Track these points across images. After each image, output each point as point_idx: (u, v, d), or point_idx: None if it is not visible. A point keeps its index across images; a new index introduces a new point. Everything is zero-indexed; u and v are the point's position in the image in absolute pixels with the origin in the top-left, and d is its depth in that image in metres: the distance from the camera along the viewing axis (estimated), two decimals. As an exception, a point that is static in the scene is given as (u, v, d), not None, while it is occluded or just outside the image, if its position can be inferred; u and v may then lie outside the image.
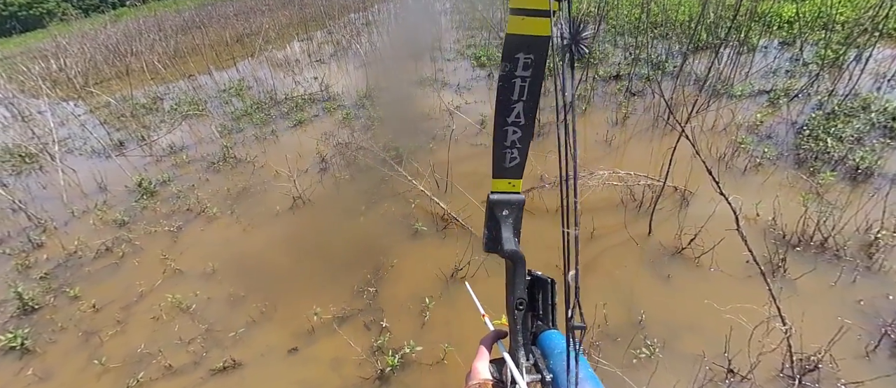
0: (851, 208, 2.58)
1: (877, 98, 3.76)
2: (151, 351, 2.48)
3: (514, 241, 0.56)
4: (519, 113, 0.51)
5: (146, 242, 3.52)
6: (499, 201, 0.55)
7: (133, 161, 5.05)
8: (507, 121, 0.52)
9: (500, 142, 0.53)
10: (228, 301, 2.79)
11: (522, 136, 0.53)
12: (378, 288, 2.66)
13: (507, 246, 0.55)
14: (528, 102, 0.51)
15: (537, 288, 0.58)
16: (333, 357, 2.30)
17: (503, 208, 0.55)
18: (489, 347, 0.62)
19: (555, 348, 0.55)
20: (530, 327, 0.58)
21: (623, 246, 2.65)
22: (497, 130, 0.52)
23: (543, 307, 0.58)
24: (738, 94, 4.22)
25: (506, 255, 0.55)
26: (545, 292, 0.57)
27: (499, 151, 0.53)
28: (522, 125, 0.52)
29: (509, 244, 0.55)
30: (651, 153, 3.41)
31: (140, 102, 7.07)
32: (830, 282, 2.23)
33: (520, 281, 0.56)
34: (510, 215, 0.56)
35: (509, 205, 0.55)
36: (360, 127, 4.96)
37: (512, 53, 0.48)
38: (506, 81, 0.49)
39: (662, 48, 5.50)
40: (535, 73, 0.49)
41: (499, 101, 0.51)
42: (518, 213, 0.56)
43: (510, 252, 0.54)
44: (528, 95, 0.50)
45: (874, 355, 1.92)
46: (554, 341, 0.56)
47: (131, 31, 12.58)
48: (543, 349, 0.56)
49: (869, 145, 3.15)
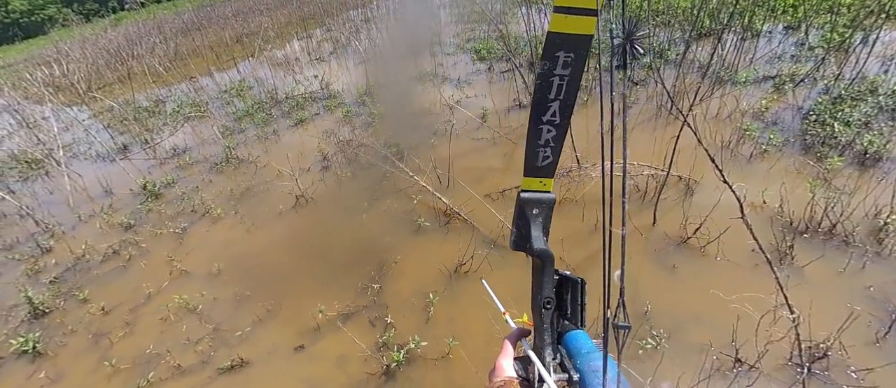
0: (860, 193, 2.54)
1: (884, 81, 3.69)
2: (160, 352, 2.50)
3: (543, 240, 0.55)
4: (555, 112, 0.51)
5: (152, 244, 3.55)
6: (529, 199, 0.55)
7: (137, 164, 5.08)
8: (542, 119, 0.51)
9: (534, 140, 0.52)
10: (234, 301, 2.81)
11: (556, 135, 0.52)
12: (382, 285, 2.66)
13: (536, 245, 0.54)
14: (565, 101, 0.50)
15: (565, 288, 0.57)
16: (339, 354, 2.31)
17: (534, 206, 0.55)
18: (513, 344, 0.62)
19: (581, 348, 0.55)
20: (556, 326, 0.58)
21: (628, 237, 2.62)
22: (532, 127, 0.52)
23: (572, 308, 0.57)
24: (742, 80, 4.16)
25: (535, 253, 0.54)
26: (574, 292, 0.56)
27: (532, 149, 0.53)
28: (557, 124, 0.52)
29: (538, 243, 0.54)
30: (654, 143, 3.37)
31: (142, 106, 7.11)
32: (839, 268, 2.20)
33: (548, 280, 0.55)
34: (540, 213, 0.55)
35: (540, 204, 0.55)
36: (360, 124, 4.95)
37: (553, 52, 0.47)
38: (544, 79, 0.49)
39: (665, 36, 5.43)
40: (574, 72, 0.48)
41: (535, 99, 0.50)
42: (548, 212, 0.56)
43: (540, 251, 0.54)
44: (565, 94, 0.50)
45: (884, 341, 1.89)
46: (580, 341, 0.56)
47: (132, 34, 12.62)
48: (569, 349, 0.56)
49: (877, 129, 3.10)
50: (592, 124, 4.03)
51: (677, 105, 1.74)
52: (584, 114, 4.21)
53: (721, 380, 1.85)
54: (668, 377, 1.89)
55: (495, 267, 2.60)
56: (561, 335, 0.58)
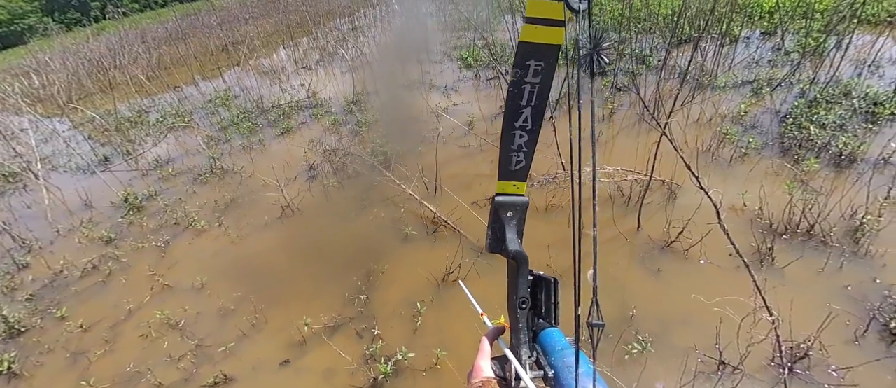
0: (836, 194, 2.61)
1: (858, 84, 3.81)
2: (141, 370, 2.43)
3: (518, 242, 0.57)
4: (527, 118, 0.52)
5: (133, 258, 3.47)
6: (504, 202, 0.56)
7: (119, 176, 4.98)
8: (515, 125, 0.53)
9: (507, 145, 0.54)
10: (218, 315, 2.75)
11: (529, 140, 0.54)
12: (369, 295, 2.64)
13: (511, 246, 0.56)
14: (537, 108, 0.52)
15: (539, 288, 0.58)
16: (326, 368, 2.27)
17: (508, 209, 0.57)
18: (490, 344, 0.63)
19: (556, 345, 0.56)
20: (531, 325, 0.59)
21: (613, 241, 2.66)
22: (505, 133, 0.53)
23: (546, 306, 0.58)
24: (722, 85, 4.26)
25: (510, 255, 0.56)
26: (548, 291, 0.58)
27: (506, 154, 0.54)
28: (530, 130, 0.53)
29: (513, 245, 0.56)
30: (637, 148, 3.42)
31: (125, 116, 6.98)
32: (818, 269, 2.25)
33: (523, 281, 0.57)
34: (514, 216, 0.57)
35: (514, 207, 0.57)
36: (347, 133, 4.93)
37: (524, 60, 0.49)
38: (516, 87, 0.50)
39: (646, 43, 5.54)
40: (545, 79, 0.50)
41: (508, 105, 0.52)
42: (522, 214, 0.58)
43: (514, 253, 0.55)
44: (536, 100, 0.51)
45: (863, 339, 1.94)
46: (555, 338, 0.58)
47: (114, 44, 12.42)
48: (544, 347, 0.58)
49: (851, 131, 3.19)
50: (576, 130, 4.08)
51: (655, 115, 1.78)
52: (567, 119, 4.24)
53: (706, 382, 1.86)
54: (654, 380, 1.90)
55: (483, 274, 2.59)
56: (537, 333, 0.60)
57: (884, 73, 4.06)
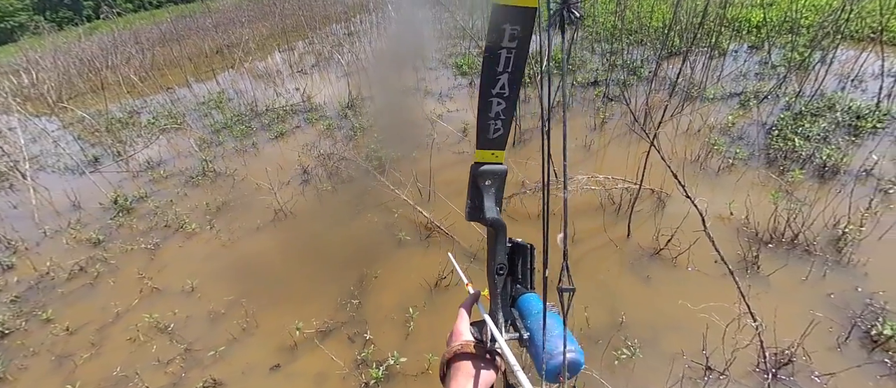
0: (819, 204, 2.68)
1: (841, 98, 3.92)
2: (128, 374, 2.40)
3: (496, 209, 0.57)
4: (504, 84, 0.51)
5: (122, 260, 3.43)
6: (482, 171, 0.56)
7: (108, 177, 4.92)
8: (491, 92, 0.52)
9: (484, 113, 0.53)
10: (208, 319, 2.73)
11: (506, 107, 0.53)
12: (361, 300, 2.64)
13: (489, 214, 0.56)
14: (514, 74, 0.51)
15: (517, 255, 0.59)
16: (317, 372, 2.27)
17: (487, 178, 0.56)
18: (469, 310, 0.65)
19: (532, 309, 0.58)
20: (510, 291, 0.61)
21: (603, 249, 2.70)
22: (482, 101, 0.52)
23: (523, 272, 0.60)
24: (710, 97, 4.36)
25: (488, 223, 0.56)
26: (524, 258, 0.59)
27: (483, 122, 0.53)
28: (507, 96, 0.52)
29: (491, 213, 0.56)
30: (628, 157, 3.48)
31: (116, 117, 6.91)
32: (802, 277, 2.30)
33: (501, 248, 0.58)
34: (493, 184, 0.57)
35: (492, 175, 0.57)
36: (342, 138, 4.94)
37: (498, 24, 0.47)
38: (492, 53, 0.49)
39: (638, 54, 5.65)
40: (521, 44, 0.49)
41: (484, 72, 0.50)
42: (500, 183, 0.58)
43: (492, 220, 0.56)
44: (513, 66, 0.50)
45: (845, 346, 1.98)
46: (532, 303, 0.59)
47: (107, 44, 12.31)
48: (521, 311, 0.59)
49: (834, 144, 3.28)
50: (569, 139, 4.14)
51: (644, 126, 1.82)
52: (561, 127, 4.29)
53: (693, 387, 1.90)
54: (643, 385, 1.92)
55: (476, 280, 2.60)
56: (515, 298, 0.61)
57: (866, 87, 4.18)
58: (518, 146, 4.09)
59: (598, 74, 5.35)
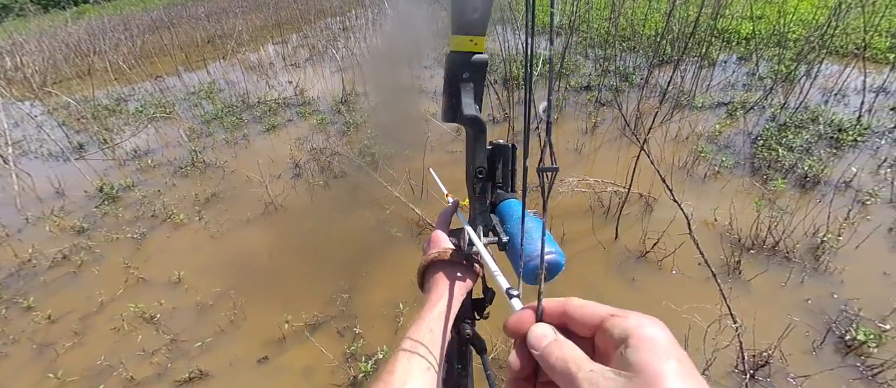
0: (800, 213, 2.76)
1: (824, 111, 4.04)
2: (112, 364, 2.37)
3: (475, 107, 0.51)
4: None
5: (107, 249, 3.37)
6: (459, 61, 0.49)
7: (94, 165, 4.83)
8: None
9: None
10: (195, 310, 2.71)
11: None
12: (352, 295, 2.64)
13: (466, 111, 0.50)
14: None
15: (497, 156, 0.55)
16: (305, 366, 2.27)
17: (463, 69, 0.50)
18: (448, 218, 0.64)
19: (513, 213, 0.55)
20: (490, 196, 0.57)
21: (591, 250, 2.75)
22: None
23: (503, 174, 0.56)
24: (699, 105, 4.45)
25: (465, 122, 0.50)
26: (505, 158, 0.55)
27: (458, 2, 0.46)
28: None
29: (469, 110, 0.50)
30: (618, 161, 3.54)
31: (102, 104, 6.78)
32: (781, 282, 2.38)
33: (480, 149, 0.53)
34: (471, 78, 0.51)
35: (470, 66, 0.50)
36: (335, 132, 4.92)
37: None
38: None
39: (630, 61, 5.74)
40: None
41: None
42: (480, 75, 0.51)
43: (470, 118, 0.50)
44: None
45: (820, 350, 2.06)
46: (512, 207, 0.56)
47: (95, 29, 12.05)
48: (501, 216, 0.57)
49: (816, 155, 3.38)
50: (563, 138, 4.19)
51: (635, 130, 1.87)
52: (553, 130, 4.35)
53: None
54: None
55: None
56: (495, 204, 0.58)
57: (849, 101, 4.32)
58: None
59: (591, 78, 5.42)
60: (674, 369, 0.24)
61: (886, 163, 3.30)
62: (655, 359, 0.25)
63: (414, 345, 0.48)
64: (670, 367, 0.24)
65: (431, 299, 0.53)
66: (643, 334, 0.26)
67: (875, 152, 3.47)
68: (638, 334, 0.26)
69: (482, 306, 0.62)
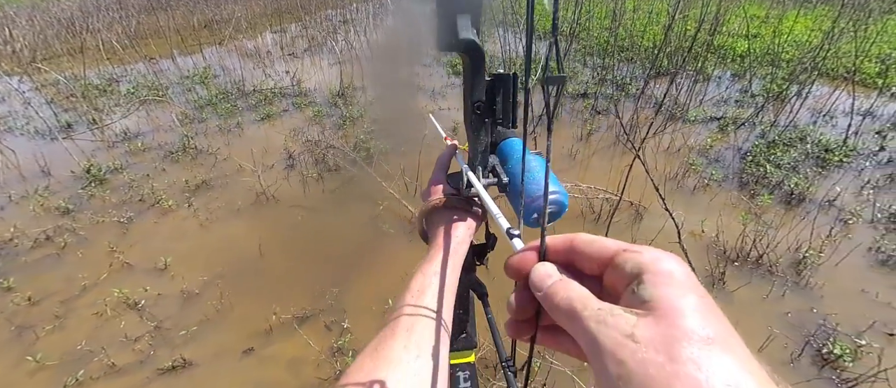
0: (784, 228, 2.83)
1: (812, 131, 4.14)
2: (93, 349, 2.33)
3: (473, 32, 0.46)
4: None
5: (92, 232, 3.31)
6: None
7: (81, 145, 4.73)
8: None
9: None
10: (181, 298, 2.67)
11: None
12: (341, 289, 2.64)
13: (463, 34, 0.44)
14: None
15: (497, 87, 0.49)
16: (291, 358, 2.26)
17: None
18: (447, 161, 0.62)
19: (513, 153, 0.52)
20: (490, 135, 0.53)
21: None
22: None
23: (503, 108, 0.49)
24: (692, 119, 4.52)
25: (462, 48, 0.45)
26: (506, 90, 0.49)
27: None
28: None
29: (466, 33, 0.44)
30: (611, 169, 3.58)
31: (93, 83, 6.64)
32: (763, 295, 2.44)
33: (479, 81, 0.48)
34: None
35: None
36: (331, 125, 4.90)
37: None
38: None
39: (627, 71, 5.80)
40: None
41: None
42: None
43: (467, 43, 0.45)
44: None
45: (798, 362, 2.12)
46: (512, 147, 0.54)
47: (89, 6, 11.79)
48: (502, 156, 0.54)
49: (803, 173, 3.47)
50: (557, 143, 4.23)
51: (632, 139, 1.89)
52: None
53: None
54: None
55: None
56: (495, 143, 0.55)
57: (836, 123, 4.43)
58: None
59: (588, 86, 5.47)
60: (693, 304, 0.22)
61: (869, 184, 3.40)
62: (672, 294, 0.22)
63: (418, 298, 0.47)
64: (689, 302, 0.22)
65: (434, 248, 0.52)
66: (659, 268, 0.24)
67: (859, 173, 3.57)
68: (653, 268, 0.24)
69: (483, 251, 0.61)
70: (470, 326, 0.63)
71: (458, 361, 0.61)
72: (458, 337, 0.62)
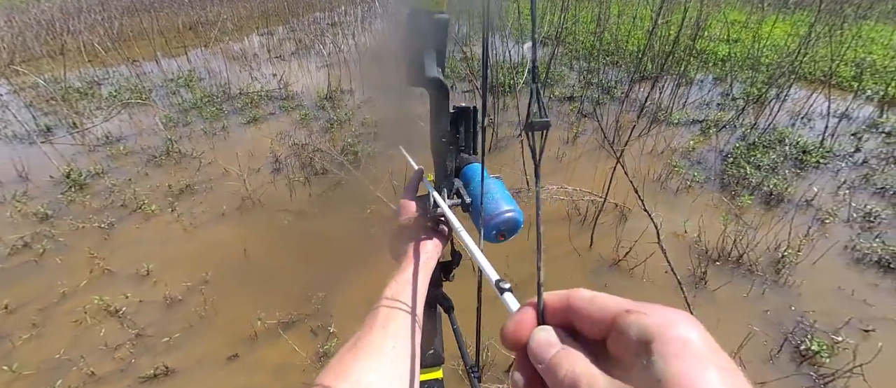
0: (764, 228, 2.90)
1: (791, 133, 4.26)
2: (72, 357, 2.28)
3: (438, 70, 0.50)
4: None
5: (72, 238, 3.24)
6: (422, 19, 0.48)
7: (61, 150, 4.63)
8: None
9: None
10: (164, 305, 2.63)
11: None
12: (327, 293, 2.62)
13: (429, 73, 0.49)
14: None
15: (460, 119, 0.55)
16: (277, 364, 2.24)
17: (426, 28, 0.49)
18: (415, 185, 0.66)
19: (475, 176, 0.57)
20: (454, 161, 0.59)
21: (567, 257, 2.81)
22: None
23: (466, 137, 0.57)
24: (675, 121, 4.61)
25: (428, 85, 0.50)
26: (467, 121, 0.56)
27: None
28: None
29: (432, 71, 0.49)
30: (596, 171, 3.63)
31: (74, 86, 6.51)
32: (743, 294, 2.49)
33: (444, 113, 0.53)
34: (433, 37, 0.49)
35: (433, 26, 0.48)
36: (318, 129, 4.87)
37: None
38: None
39: (613, 75, 5.89)
40: None
41: None
42: (442, 35, 0.50)
43: (432, 80, 0.49)
44: None
45: (777, 358, 2.17)
46: (475, 170, 0.58)
47: (70, 8, 11.55)
48: (465, 179, 0.59)
49: (781, 174, 3.56)
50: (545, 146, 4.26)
51: (614, 143, 1.93)
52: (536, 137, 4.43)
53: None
54: None
55: (442, 280, 2.65)
56: (459, 168, 0.60)
57: (814, 125, 4.55)
58: (494, 152, 4.18)
59: (574, 89, 5.54)
60: (714, 381, 0.18)
61: (845, 184, 3.50)
62: (690, 370, 0.19)
63: (391, 302, 0.50)
64: (710, 379, 0.18)
65: (405, 261, 0.55)
66: (671, 335, 0.20)
67: (836, 174, 3.68)
68: (664, 335, 0.20)
69: (450, 268, 0.65)
70: (438, 342, 0.67)
71: (427, 377, 0.64)
72: (426, 353, 0.66)
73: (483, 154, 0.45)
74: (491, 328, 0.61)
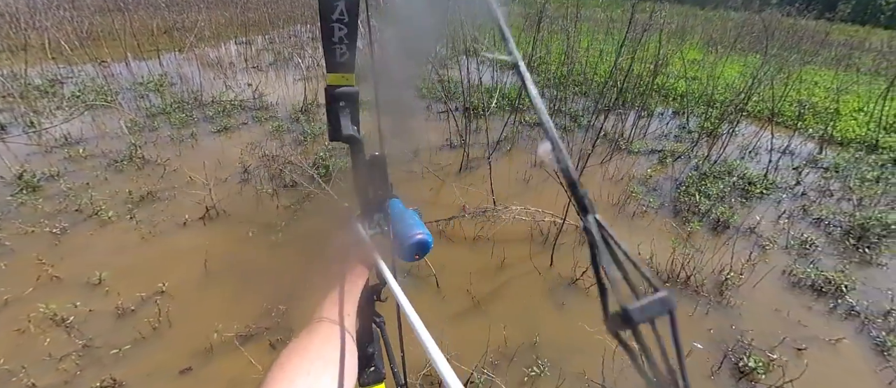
0: (710, 252, 3.11)
1: (739, 165, 4.59)
2: (12, 368, 2.15)
3: (353, 127, 0.63)
4: (342, 11, 0.55)
5: (19, 243, 3.08)
6: (336, 94, 0.61)
7: (15, 149, 4.41)
8: (331, 18, 0.55)
9: (328, 38, 0.57)
10: (115, 315, 2.53)
11: (349, 32, 0.57)
12: (288, 307, 2.60)
13: (345, 132, 0.62)
14: (349, 1, 0.55)
15: (375, 166, 0.68)
16: (231, 377, 2.19)
17: (340, 99, 0.61)
18: (344, 222, 0.75)
19: (394, 209, 0.71)
20: (375, 200, 0.70)
21: (528, 275, 2.91)
22: (324, 28, 0.56)
23: (381, 179, 0.69)
24: (635, 150, 4.89)
25: (345, 139, 0.62)
26: (382, 167, 0.68)
27: (328, 47, 0.57)
28: (347, 22, 0.56)
29: (348, 130, 0.62)
30: (558, 194, 3.79)
31: (34, 83, 6.24)
32: (689, 313, 2.65)
33: (360, 161, 0.65)
34: (347, 105, 0.62)
35: (345, 97, 0.61)
36: (291, 141, 4.86)
37: None
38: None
39: (581, 104, 6.20)
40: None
41: (321, 3, 0.54)
42: (354, 104, 0.63)
43: (348, 137, 0.62)
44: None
45: (718, 374, 2.31)
46: (397, 206, 0.72)
47: (38, 3, 11.11)
48: (385, 212, 0.71)
49: (728, 203, 3.83)
50: (512, 168, 4.42)
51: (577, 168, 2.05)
52: (505, 160, 4.59)
53: (590, 407, 2.10)
54: (547, 404, 2.09)
55: (409, 297, 2.68)
56: (381, 204, 0.71)
57: (760, 158, 4.93)
58: (464, 173, 4.29)
59: (545, 115, 5.77)
60: None
61: (785, 214, 3.81)
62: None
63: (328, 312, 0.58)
64: None
65: (337, 288, 0.64)
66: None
67: (777, 205, 3.99)
68: None
69: (379, 290, 0.77)
70: (377, 359, 0.77)
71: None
72: (366, 371, 0.75)
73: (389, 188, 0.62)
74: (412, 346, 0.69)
